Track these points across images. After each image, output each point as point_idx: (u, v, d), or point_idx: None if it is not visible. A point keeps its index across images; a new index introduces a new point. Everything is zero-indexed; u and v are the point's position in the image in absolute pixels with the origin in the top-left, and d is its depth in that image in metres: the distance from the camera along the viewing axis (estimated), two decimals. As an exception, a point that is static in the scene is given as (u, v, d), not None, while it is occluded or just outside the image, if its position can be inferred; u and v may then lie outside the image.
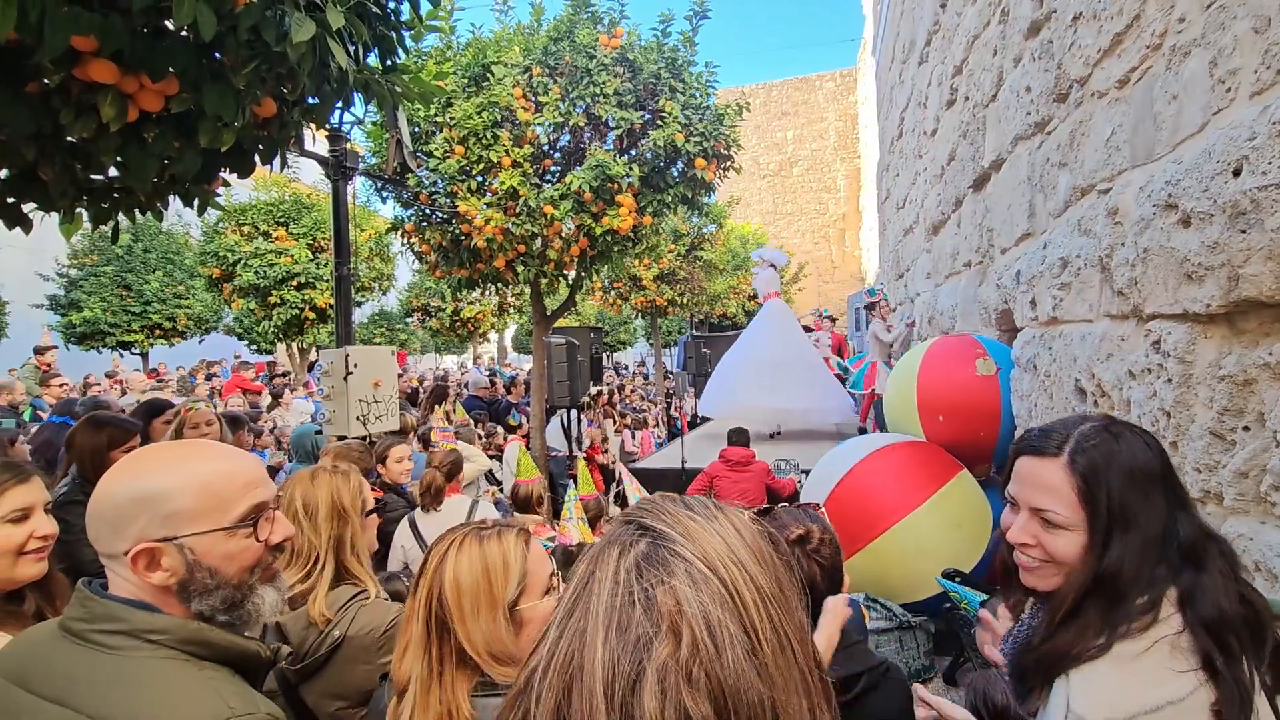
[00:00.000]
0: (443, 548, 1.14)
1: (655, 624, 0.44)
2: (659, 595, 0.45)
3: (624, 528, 0.52)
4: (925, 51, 7.26)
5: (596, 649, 0.44)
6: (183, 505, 0.92)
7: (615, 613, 0.45)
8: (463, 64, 5.71)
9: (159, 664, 0.86)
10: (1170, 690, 0.86)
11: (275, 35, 1.72)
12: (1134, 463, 0.97)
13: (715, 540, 0.50)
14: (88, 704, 0.81)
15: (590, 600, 0.47)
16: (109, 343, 13.12)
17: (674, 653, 0.43)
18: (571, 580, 0.50)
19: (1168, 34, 2.23)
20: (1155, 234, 2.15)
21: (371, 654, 1.50)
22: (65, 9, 1.55)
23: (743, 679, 0.43)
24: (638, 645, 0.43)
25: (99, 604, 0.89)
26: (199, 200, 2.60)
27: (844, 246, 24.61)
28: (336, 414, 3.72)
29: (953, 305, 5.88)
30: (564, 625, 0.47)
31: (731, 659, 0.44)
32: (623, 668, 0.43)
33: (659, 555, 0.48)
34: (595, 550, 0.51)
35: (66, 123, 1.85)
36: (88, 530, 0.93)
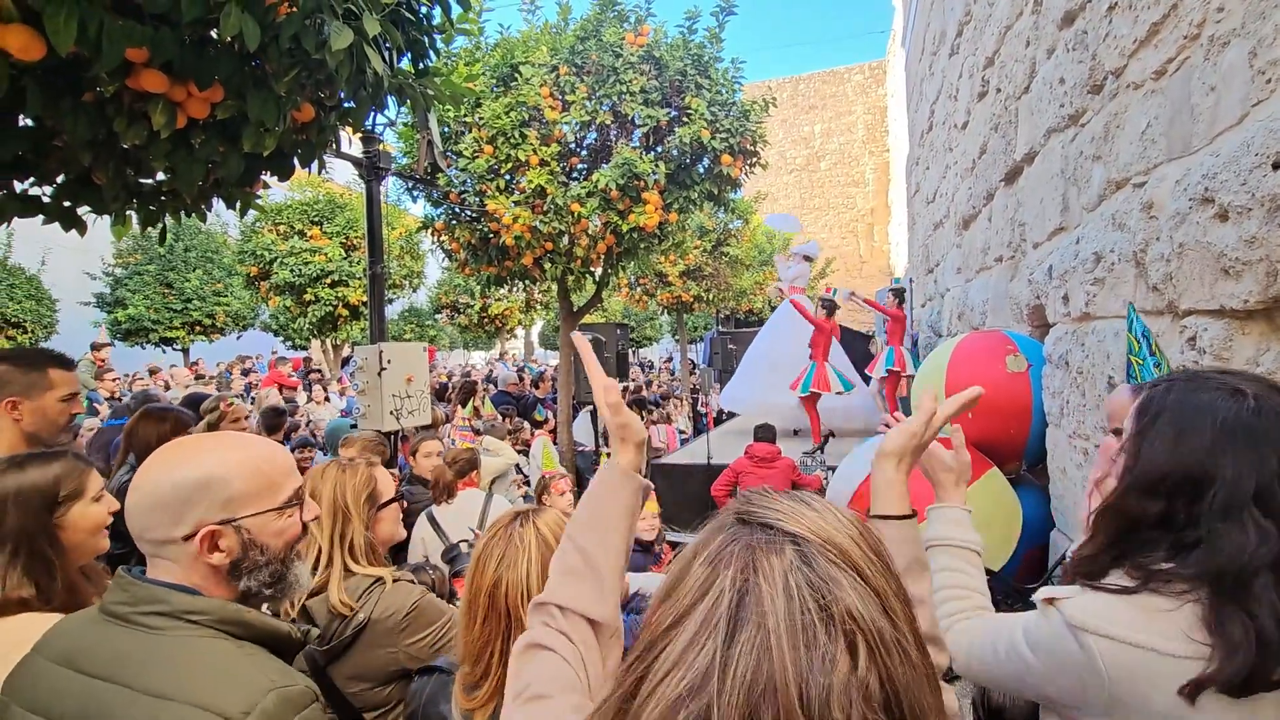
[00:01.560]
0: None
1: (835, 640, 0.45)
2: (835, 610, 0.46)
3: (760, 532, 0.51)
4: (956, 43, 7.13)
5: (788, 669, 0.44)
6: (240, 489, 0.99)
7: (798, 629, 0.45)
8: (491, 64, 5.79)
9: (202, 642, 0.92)
10: (1166, 641, 0.87)
11: (315, 43, 1.79)
12: (1192, 408, 0.96)
13: (853, 546, 0.50)
14: (137, 681, 0.87)
15: (766, 615, 0.46)
16: (152, 339, 13.61)
17: (853, 668, 0.44)
18: (702, 582, 0.49)
19: (1206, 23, 2.18)
20: (1191, 228, 2.11)
21: (395, 635, 1.54)
22: (120, 23, 1.63)
23: (909, 686, 0.46)
24: (825, 661, 0.44)
25: (141, 588, 0.95)
26: (241, 202, 2.71)
27: (872, 241, 24.28)
28: (371, 408, 3.83)
29: (983, 300, 5.78)
30: (733, 638, 0.46)
31: (899, 665, 0.46)
32: (814, 684, 0.43)
33: (817, 564, 0.48)
34: (739, 557, 0.49)
35: (120, 130, 1.95)
36: (137, 519, 0.96)
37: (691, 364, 16.02)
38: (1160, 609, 0.89)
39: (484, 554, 1.15)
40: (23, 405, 1.86)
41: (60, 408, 1.93)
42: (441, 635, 1.60)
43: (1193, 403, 0.97)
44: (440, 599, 1.77)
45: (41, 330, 11.90)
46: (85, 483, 1.39)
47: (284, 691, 0.90)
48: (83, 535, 1.36)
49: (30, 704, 0.90)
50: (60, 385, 1.94)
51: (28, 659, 0.95)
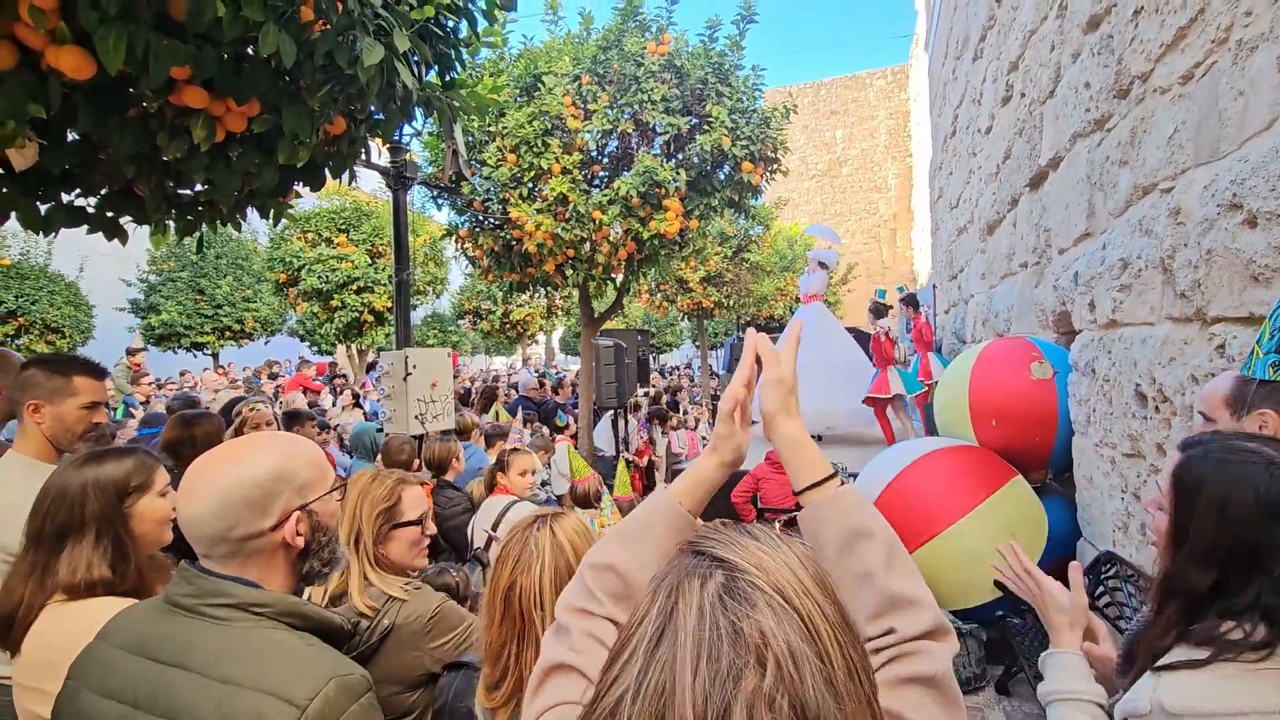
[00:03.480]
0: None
1: (742, 655, 0.46)
2: (745, 628, 0.47)
3: (696, 559, 0.54)
4: (980, 47, 7.07)
5: (687, 679, 0.46)
6: (307, 477, 1.08)
7: (704, 645, 0.47)
8: (515, 75, 5.88)
9: (266, 633, 0.97)
10: (1260, 701, 0.88)
11: (348, 59, 1.86)
12: (1234, 481, 0.98)
13: (785, 572, 0.52)
14: (207, 668, 0.92)
15: (677, 632, 0.48)
16: (183, 344, 13.97)
17: (760, 683, 0.45)
18: (645, 609, 0.52)
19: (1234, 28, 2.16)
20: (1220, 234, 2.09)
21: (420, 640, 1.56)
22: (165, 42, 1.71)
23: (823, 705, 0.46)
24: (727, 676, 0.46)
25: (207, 581, 1.00)
26: (274, 212, 2.80)
27: (895, 247, 24.04)
28: (396, 413, 3.90)
29: (1008, 307, 5.71)
30: (650, 654, 0.48)
31: (813, 687, 0.46)
32: (714, 698, 0.45)
33: (739, 588, 0.50)
34: (671, 581, 0.53)
35: (162, 144, 2.03)
36: (218, 521, 0.99)
37: (711, 370, 15.99)
38: (1243, 675, 0.92)
39: (503, 557, 1.18)
40: (44, 409, 1.90)
41: (79, 415, 1.94)
42: (464, 639, 1.62)
43: (1232, 474, 0.99)
44: (463, 602, 1.79)
45: (79, 335, 12.28)
46: (153, 477, 1.47)
47: (344, 679, 0.94)
48: (149, 525, 1.44)
49: (101, 689, 0.95)
50: (83, 393, 1.96)
51: (94, 647, 1.00)
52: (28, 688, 1.24)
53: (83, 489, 1.36)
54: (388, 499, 1.69)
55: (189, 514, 1.00)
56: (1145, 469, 2.72)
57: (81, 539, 1.33)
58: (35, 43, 1.67)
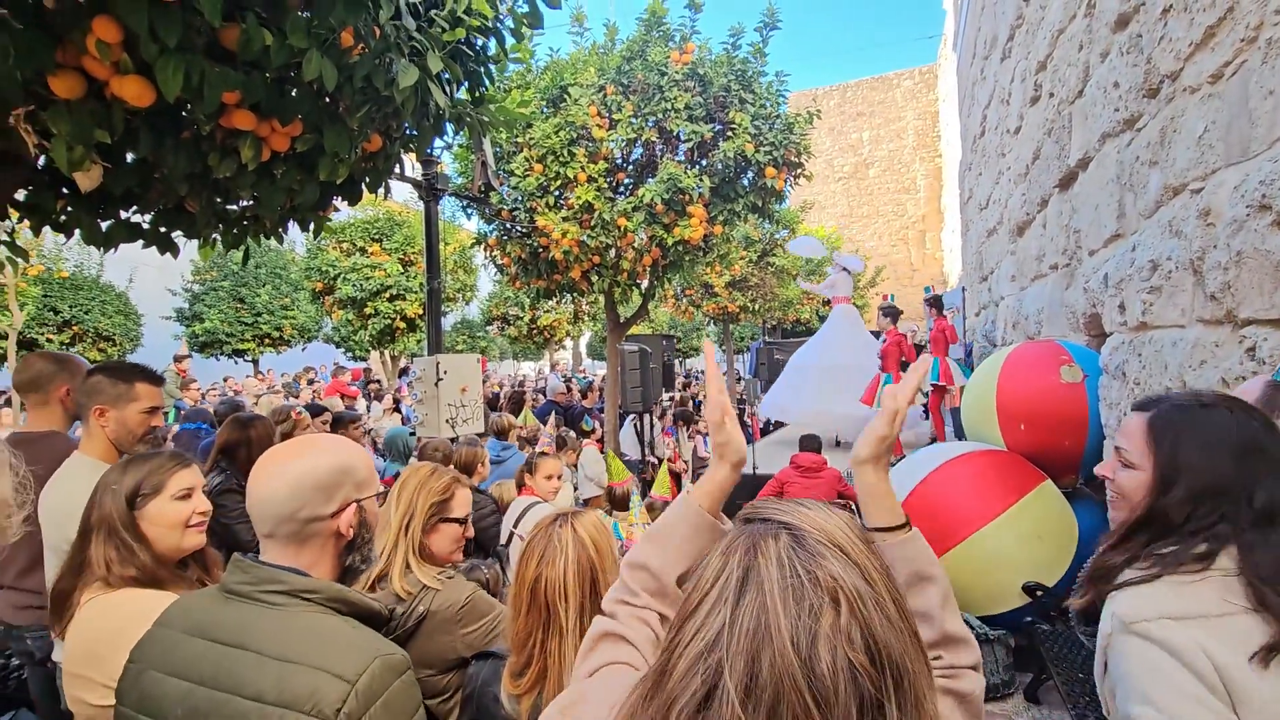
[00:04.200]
0: None
1: (820, 597, 0.56)
2: (820, 575, 0.57)
3: (763, 524, 0.63)
4: (1008, 47, 6.99)
5: (780, 618, 0.55)
6: (364, 476, 1.20)
7: (789, 590, 0.56)
8: (541, 87, 6.01)
9: (316, 616, 1.06)
10: (1205, 606, 1.00)
11: (384, 81, 1.96)
12: (1209, 426, 1.10)
13: (839, 531, 0.61)
14: (266, 648, 1.01)
15: (763, 581, 0.57)
16: (225, 351, 14.47)
17: (837, 619, 0.55)
18: (719, 568, 0.61)
19: (1264, 26, 2.14)
20: (1249, 236, 2.06)
21: (452, 626, 1.63)
22: (218, 70, 1.83)
23: (886, 636, 0.56)
24: (811, 613, 0.55)
25: (261, 570, 1.10)
26: (314, 225, 2.94)
27: (924, 249, 23.68)
28: (428, 417, 4.02)
29: (1038, 309, 5.63)
30: (738, 601, 0.57)
31: (879, 621, 0.56)
32: (803, 632, 0.54)
33: (806, 543, 0.60)
34: (744, 544, 0.61)
35: (214, 164, 2.16)
36: (289, 502, 1.10)
37: (738, 374, 15.95)
38: (1185, 584, 1.03)
39: (528, 552, 1.26)
40: (109, 414, 2.04)
41: (140, 419, 2.09)
42: (493, 627, 1.69)
43: (1204, 421, 1.11)
44: (493, 595, 1.87)
45: (129, 343, 12.82)
46: (166, 481, 1.54)
47: (387, 658, 1.04)
48: (160, 528, 1.51)
49: (167, 668, 1.05)
50: (144, 398, 2.10)
51: (155, 631, 1.10)
52: (75, 675, 1.35)
53: (100, 491, 1.48)
54: (443, 493, 1.79)
55: (262, 494, 1.12)
56: (1177, 473, 2.68)
57: (96, 538, 1.45)
58: (100, 73, 1.81)
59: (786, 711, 0.52)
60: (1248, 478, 1.05)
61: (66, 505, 1.56)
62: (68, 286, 11.85)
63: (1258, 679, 0.95)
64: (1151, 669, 1.00)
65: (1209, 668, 0.97)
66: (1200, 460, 1.09)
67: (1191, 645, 0.98)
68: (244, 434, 2.72)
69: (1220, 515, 1.06)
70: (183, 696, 1.01)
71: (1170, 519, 1.09)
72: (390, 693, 1.00)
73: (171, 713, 1.01)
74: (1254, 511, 1.04)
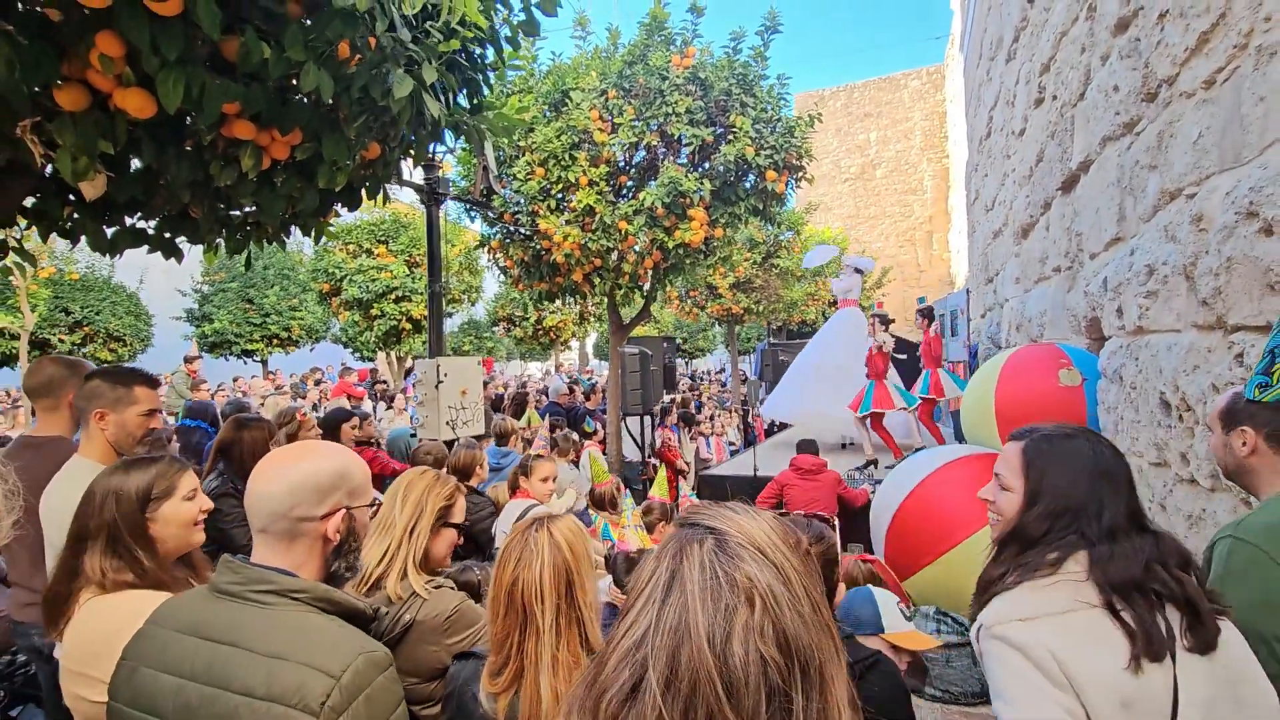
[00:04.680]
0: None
1: (736, 596, 0.62)
2: (737, 576, 0.63)
3: (691, 529, 0.69)
4: (1013, 48, 6.97)
5: (698, 616, 0.61)
6: (359, 484, 1.24)
7: (707, 591, 0.62)
8: (543, 91, 6.04)
9: (303, 615, 1.10)
10: (1053, 605, 1.13)
11: (380, 92, 2.00)
12: (1070, 453, 1.26)
13: (761, 534, 0.67)
14: (256, 644, 1.05)
15: (685, 583, 0.63)
16: (234, 351, 14.61)
17: (750, 616, 0.61)
18: (651, 570, 0.67)
19: (1254, 33, 2.14)
20: (1239, 242, 2.07)
21: (438, 636, 1.65)
22: (218, 82, 1.88)
23: (797, 630, 0.62)
24: (726, 611, 0.61)
25: (250, 570, 1.14)
26: (315, 230, 2.98)
27: (931, 249, 23.58)
28: (429, 418, 4.06)
29: (1041, 312, 5.62)
30: (664, 601, 0.63)
31: (790, 617, 0.62)
32: (718, 628, 0.60)
33: (728, 546, 0.65)
34: (673, 548, 0.68)
35: (215, 173, 2.21)
36: (286, 498, 1.15)
37: (743, 375, 15.95)
38: (1039, 587, 1.17)
39: (505, 555, 1.29)
40: (109, 417, 2.09)
41: (139, 422, 2.14)
42: (479, 637, 1.72)
43: (1066, 449, 1.27)
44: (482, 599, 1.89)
45: (139, 343, 12.98)
46: (177, 483, 1.59)
47: (371, 655, 1.08)
48: (175, 529, 1.57)
49: (160, 665, 1.09)
50: (143, 401, 2.15)
51: (148, 629, 1.14)
52: (75, 673, 1.39)
53: (103, 497, 1.50)
54: (448, 499, 1.85)
55: (260, 491, 1.17)
56: (1171, 478, 2.68)
57: (95, 544, 1.47)
58: (104, 86, 1.86)
59: (701, 702, 0.58)
60: (1099, 498, 1.20)
61: (66, 507, 1.60)
62: (79, 288, 12.01)
63: (1095, 668, 1.07)
64: (1004, 666, 1.13)
65: (1050, 660, 1.08)
66: (1061, 483, 1.24)
67: (1035, 642, 1.10)
68: (237, 435, 2.77)
69: (1074, 530, 1.20)
70: (174, 692, 1.05)
71: (1030, 534, 1.24)
72: (373, 688, 1.04)
73: (164, 708, 1.04)
74: (1102, 527, 1.18)
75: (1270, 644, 1.22)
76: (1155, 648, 1.07)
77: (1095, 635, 1.10)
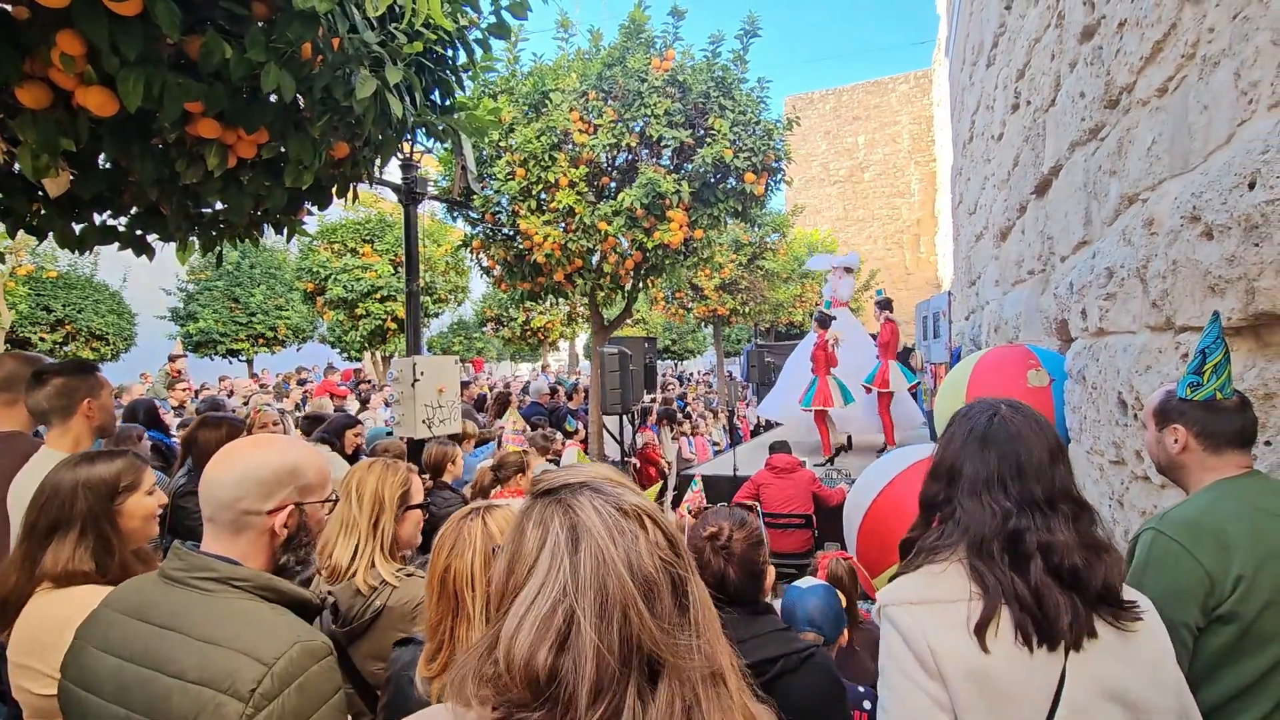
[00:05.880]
0: None
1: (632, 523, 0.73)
2: (626, 506, 0.74)
3: (557, 490, 0.77)
4: (993, 54, 7.07)
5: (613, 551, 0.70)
6: (311, 480, 1.25)
7: (611, 528, 0.71)
8: (523, 92, 6.07)
9: (243, 602, 1.12)
10: (942, 592, 1.15)
11: (343, 92, 2.02)
12: (960, 422, 1.30)
13: (610, 472, 0.80)
14: (194, 630, 1.08)
15: (590, 527, 0.71)
16: (220, 350, 14.49)
17: (646, 535, 0.72)
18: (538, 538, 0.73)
19: (1200, 43, 2.20)
20: (1183, 246, 2.13)
21: (406, 622, 1.69)
22: (179, 81, 1.89)
23: (672, 531, 0.76)
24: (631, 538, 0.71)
25: (195, 558, 1.16)
26: (288, 228, 2.99)
27: (918, 252, 23.77)
28: (405, 417, 4.07)
29: (1017, 314, 5.70)
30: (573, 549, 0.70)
31: (665, 524, 0.76)
32: (631, 554, 0.70)
33: (602, 490, 0.75)
34: (555, 510, 0.74)
35: (181, 170, 2.22)
36: (231, 490, 1.17)
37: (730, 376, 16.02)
38: (934, 573, 1.18)
39: (440, 543, 1.32)
40: (94, 404, 2.20)
41: (112, 402, 2.30)
42: None
43: (965, 416, 1.31)
44: None
45: (122, 343, 12.85)
46: (141, 477, 1.64)
47: (307, 644, 1.09)
48: (137, 522, 1.60)
49: (103, 646, 1.11)
50: (106, 384, 2.31)
51: (99, 612, 1.17)
52: (20, 666, 1.41)
53: (74, 488, 1.52)
54: (404, 485, 1.89)
55: (212, 478, 1.19)
56: (1127, 475, 2.75)
57: (67, 534, 1.49)
58: (66, 84, 1.87)
59: (629, 623, 0.67)
60: (971, 463, 1.22)
61: None
62: (60, 285, 11.88)
63: (966, 659, 1.08)
64: (886, 647, 1.16)
65: (925, 648, 1.10)
66: (946, 451, 1.28)
67: (915, 628, 1.12)
68: (193, 435, 2.80)
69: (947, 499, 1.23)
70: (113, 673, 1.07)
71: (926, 498, 1.29)
72: (307, 676, 1.05)
73: (104, 688, 1.07)
74: (964, 489, 1.21)
75: (1179, 630, 1.27)
76: (991, 604, 1.08)
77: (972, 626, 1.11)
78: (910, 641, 1.12)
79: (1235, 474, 1.44)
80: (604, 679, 0.66)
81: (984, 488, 1.19)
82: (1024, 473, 1.19)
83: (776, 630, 1.50)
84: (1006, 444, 1.21)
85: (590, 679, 0.65)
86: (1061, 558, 1.11)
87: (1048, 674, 1.06)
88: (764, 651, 1.41)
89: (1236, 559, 1.29)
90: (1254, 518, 1.34)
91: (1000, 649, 1.07)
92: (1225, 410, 1.45)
